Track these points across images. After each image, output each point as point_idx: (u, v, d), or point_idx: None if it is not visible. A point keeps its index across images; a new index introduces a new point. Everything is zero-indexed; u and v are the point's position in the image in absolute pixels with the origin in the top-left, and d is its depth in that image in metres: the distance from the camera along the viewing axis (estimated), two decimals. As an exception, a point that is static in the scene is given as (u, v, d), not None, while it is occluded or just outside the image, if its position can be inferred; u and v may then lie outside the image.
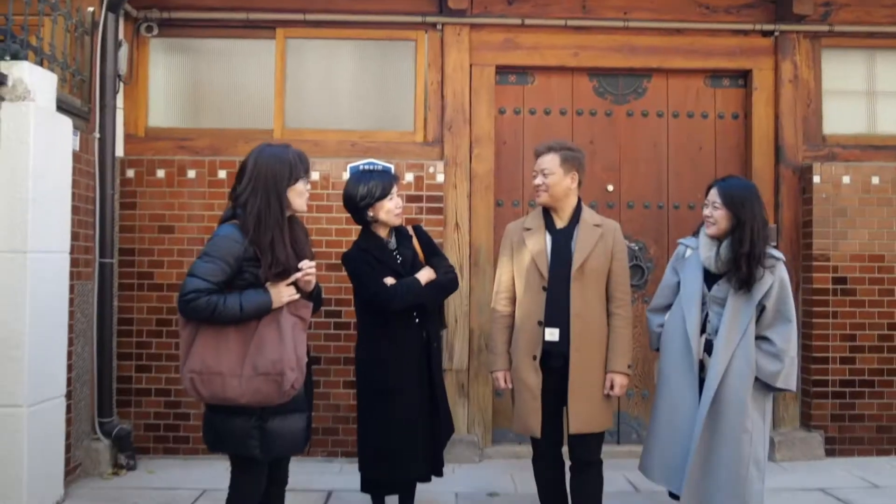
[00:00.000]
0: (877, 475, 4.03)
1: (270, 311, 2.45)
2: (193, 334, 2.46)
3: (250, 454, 2.48)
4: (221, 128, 4.47)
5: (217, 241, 2.48)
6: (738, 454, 2.80)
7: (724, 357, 2.82)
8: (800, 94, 4.52)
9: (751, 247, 2.81)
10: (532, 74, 4.57)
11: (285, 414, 2.50)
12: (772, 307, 2.86)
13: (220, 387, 2.39)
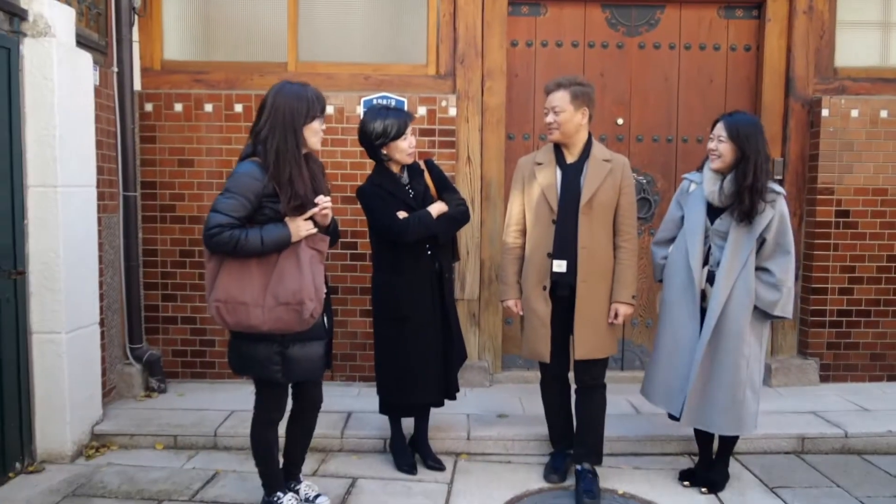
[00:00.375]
0: (867, 400, 4.24)
1: (290, 245, 2.59)
2: (218, 267, 2.62)
3: (272, 378, 2.68)
4: (236, 61, 4.50)
5: (238, 178, 2.61)
6: (737, 378, 2.98)
7: (725, 287, 2.96)
8: (813, 26, 4.49)
9: (754, 180, 2.90)
10: (544, 5, 4.54)
11: (304, 341, 2.69)
12: (772, 239, 2.97)
13: (244, 315, 2.57)
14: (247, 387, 4.39)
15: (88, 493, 3.10)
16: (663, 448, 3.66)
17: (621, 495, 3.18)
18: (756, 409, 3.07)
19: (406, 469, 3.36)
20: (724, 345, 2.99)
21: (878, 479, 3.37)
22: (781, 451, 3.66)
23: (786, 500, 3.11)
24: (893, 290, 4.54)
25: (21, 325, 3.28)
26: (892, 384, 4.56)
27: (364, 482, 3.26)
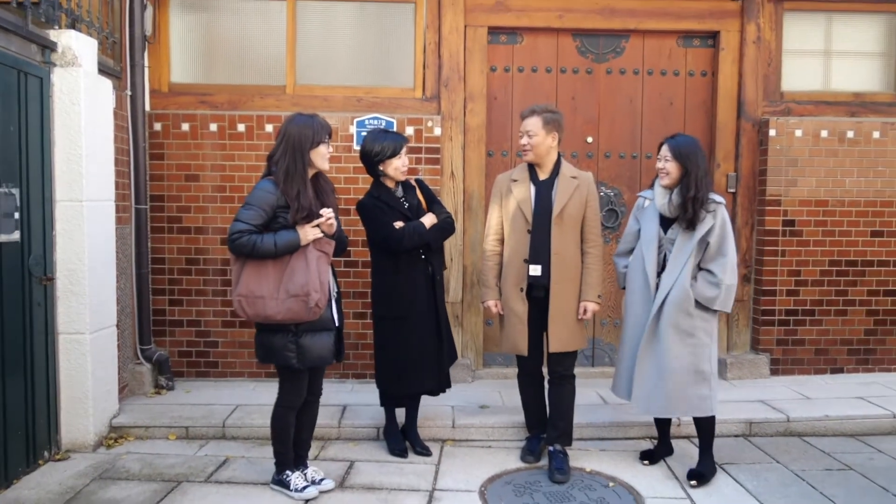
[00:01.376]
0: (810, 390, 4.72)
1: (299, 248, 3.01)
2: (241, 268, 3.04)
3: (289, 364, 3.09)
4: (238, 84, 4.88)
5: (256, 193, 3.04)
6: (680, 365, 3.33)
7: (666, 286, 3.36)
8: (762, 55, 4.99)
9: (696, 191, 3.31)
10: (521, 35, 5.00)
11: (315, 332, 3.11)
12: (714, 244, 3.34)
13: (261, 307, 2.99)
14: (248, 384, 4.81)
15: (114, 477, 3.45)
16: (626, 433, 4.10)
17: (588, 472, 3.61)
18: (709, 393, 3.39)
19: (398, 453, 3.76)
20: (667, 336, 3.34)
21: (813, 456, 3.83)
22: (731, 435, 4.11)
23: (731, 473, 3.56)
24: (835, 291, 5.04)
25: (49, 326, 3.64)
26: (834, 376, 5.05)
27: (361, 464, 3.65)
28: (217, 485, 3.39)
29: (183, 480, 3.43)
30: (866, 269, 5.03)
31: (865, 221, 5.01)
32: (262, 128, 4.77)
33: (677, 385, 3.36)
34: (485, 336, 5.06)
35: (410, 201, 3.65)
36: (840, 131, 4.97)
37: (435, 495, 3.30)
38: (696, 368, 3.37)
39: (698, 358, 3.38)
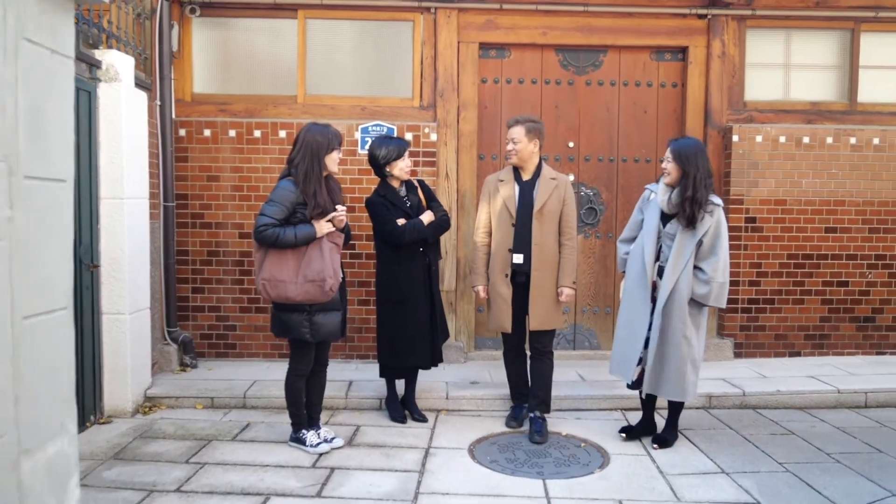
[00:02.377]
0: (768, 370, 5.26)
1: (315, 239, 3.55)
2: (264, 255, 3.57)
3: (303, 338, 3.62)
4: (254, 94, 5.42)
5: (278, 191, 3.57)
6: (680, 355, 3.71)
7: (670, 281, 3.68)
8: (726, 68, 5.53)
9: (693, 192, 3.57)
10: (509, 50, 5.54)
11: (326, 311, 3.64)
12: (707, 243, 3.65)
13: (282, 290, 3.52)
14: (263, 363, 5.34)
15: (152, 436, 3.99)
16: (599, 405, 4.63)
17: (564, 436, 4.14)
18: (695, 380, 3.81)
19: (398, 419, 4.29)
20: (671, 327, 3.71)
21: (762, 424, 4.37)
22: (693, 407, 4.63)
23: (688, 437, 4.09)
24: (793, 282, 5.58)
25: (95, 307, 4.17)
26: (792, 359, 5.59)
27: (366, 428, 4.19)
28: (242, 443, 3.93)
29: (212, 439, 3.96)
30: (821, 262, 5.57)
31: (820, 219, 5.55)
32: (276, 133, 5.30)
33: (679, 373, 3.72)
34: (476, 322, 5.60)
35: (412, 199, 4.18)
36: (797, 137, 5.51)
37: (430, 451, 3.83)
38: (692, 358, 3.75)
39: (693, 351, 3.74)
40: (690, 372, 3.78)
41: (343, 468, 3.56)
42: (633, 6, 5.45)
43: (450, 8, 5.35)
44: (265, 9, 5.35)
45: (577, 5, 5.41)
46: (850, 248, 5.58)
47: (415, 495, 3.25)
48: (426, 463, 3.66)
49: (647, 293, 3.79)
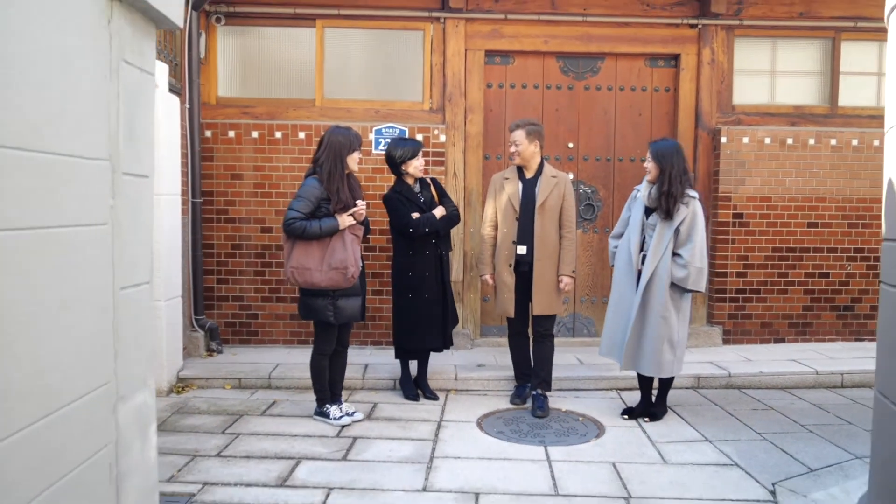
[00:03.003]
0: (753, 355, 5.65)
1: (338, 231, 3.93)
2: (292, 246, 3.95)
3: (327, 320, 4.01)
4: (275, 97, 5.81)
5: (305, 188, 3.95)
6: (657, 333, 4.08)
7: (650, 265, 4.07)
8: (716, 74, 5.92)
9: (669, 187, 4.00)
10: (513, 57, 5.93)
11: (348, 296, 4.02)
12: (684, 231, 4.04)
13: (309, 276, 3.90)
14: (283, 349, 5.73)
15: (188, 412, 4.38)
16: (597, 385, 5.02)
17: (564, 411, 4.53)
18: (672, 360, 4.15)
19: (412, 397, 4.68)
20: (650, 309, 4.10)
21: (745, 401, 4.76)
22: (683, 387, 5.02)
23: (677, 412, 4.48)
24: (777, 273, 5.97)
25: (134, 294, 4.55)
26: (777, 345, 5.98)
27: (382, 405, 4.58)
28: (271, 417, 4.32)
29: (243, 414, 4.35)
30: (803, 254, 5.96)
31: (802, 215, 5.94)
32: (296, 135, 5.69)
33: (656, 351, 4.09)
34: (482, 310, 5.99)
35: (425, 196, 4.56)
36: (781, 138, 5.90)
37: (442, 424, 4.22)
38: (669, 339, 4.11)
39: (670, 330, 4.11)
40: (667, 350, 4.11)
41: (364, 437, 3.95)
42: (628, 16, 5.84)
43: (458, 18, 5.74)
44: (285, 18, 5.74)
45: (577, 15, 5.80)
46: (831, 242, 5.97)
47: (430, 458, 3.64)
48: (439, 433, 4.05)
49: (633, 280, 4.17)
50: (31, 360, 1.67)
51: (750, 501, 3.16)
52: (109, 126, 2.03)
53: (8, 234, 1.56)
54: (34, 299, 1.68)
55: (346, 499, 3.13)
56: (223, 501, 3.10)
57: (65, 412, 1.81)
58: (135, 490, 2.21)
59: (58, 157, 1.75)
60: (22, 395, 1.63)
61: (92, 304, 1.96)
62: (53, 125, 1.73)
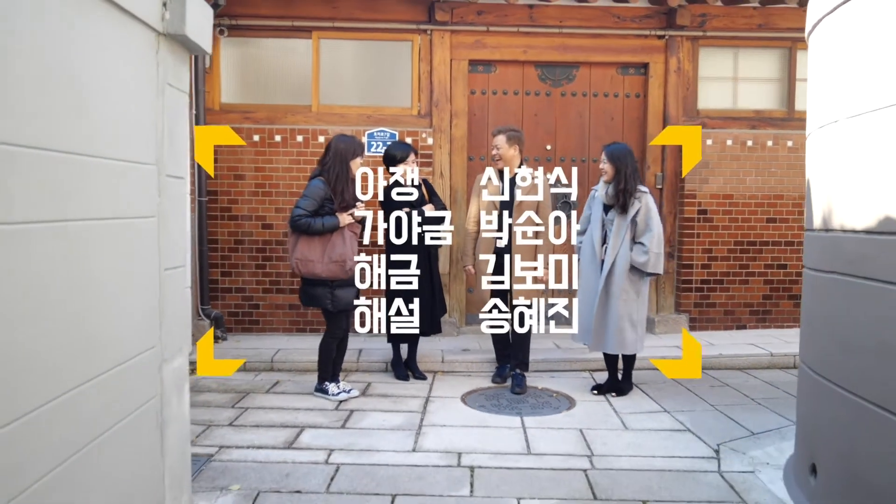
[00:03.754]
0: (716, 340, 6.16)
1: (338, 228, 4.38)
2: (296, 240, 4.41)
3: (326, 307, 4.46)
4: (274, 103, 6.26)
5: (311, 188, 4.41)
6: (619, 314, 4.57)
7: (610, 256, 4.58)
8: (681, 81, 6.43)
9: (624, 185, 4.53)
10: (494, 66, 6.41)
11: (344, 286, 4.48)
12: (641, 222, 4.55)
13: (311, 267, 4.36)
14: (283, 337, 6.17)
15: (199, 390, 4.83)
16: (571, 366, 5.51)
17: (540, 389, 5.01)
18: (634, 338, 4.62)
19: (402, 377, 5.14)
20: (612, 292, 4.60)
21: (705, 380, 5.25)
22: (650, 368, 5.49)
23: (642, 388, 4.97)
24: (739, 265, 6.48)
25: (149, 284, 5.00)
26: (738, 332, 6.50)
27: (375, 384, 5.04)
28: (274, 394, 4.78)
29: (249, 392, 4.81)
30: (763, 247, 6.48)
31: (762, 211, 6.45)
32: (294, 138, 6.15)
33: (619, 330, 4.57)
34: (467, 301, 6.47)
35: (417, 193, 5.02)
36: (742, 140, 6.41)
37: (430, 399, 4.69)
38: (630, 318, 4.59)
39: (630, 310, 4.59)
40: (629, 329, 4.58)
41: (360, 410, 4.42)
42: (601, 28, 6.33)
43: (443, 30, 6.21)
44: (284, 30, 6.19)
45: (554, 27, 6.28)
46: (788, 236, 6.49)
47: (419, 426, 4.11)
48: (427, 407, 4.52)
49: (597, 269, 4.65)
50: (107, 320, 2.13)
51: (696, 458, 3.66)
52: (157, 137, 2.49)
53: (93, 223, 2.02)
54: (111, 274, 2.15)
55: (345, 457, 3.60)
56: (238, 459, 3.56)
57: (128, 365, 2.27)
58: (173, 436, 2.67)
59: (123, 163, 2.22)
60: (103, 345, 2.10)
61: (145, 280, 2.42)
62: (120, 137, 2.20)
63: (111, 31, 2.13)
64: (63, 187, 1.87)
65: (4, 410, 1.61)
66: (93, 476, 2.05)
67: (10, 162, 1.62)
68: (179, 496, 2.75)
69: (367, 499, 3.10)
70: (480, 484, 3.28)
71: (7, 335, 1.62)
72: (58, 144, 1.83)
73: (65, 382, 1.88)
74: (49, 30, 1.80)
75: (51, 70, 1.80)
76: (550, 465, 3.52)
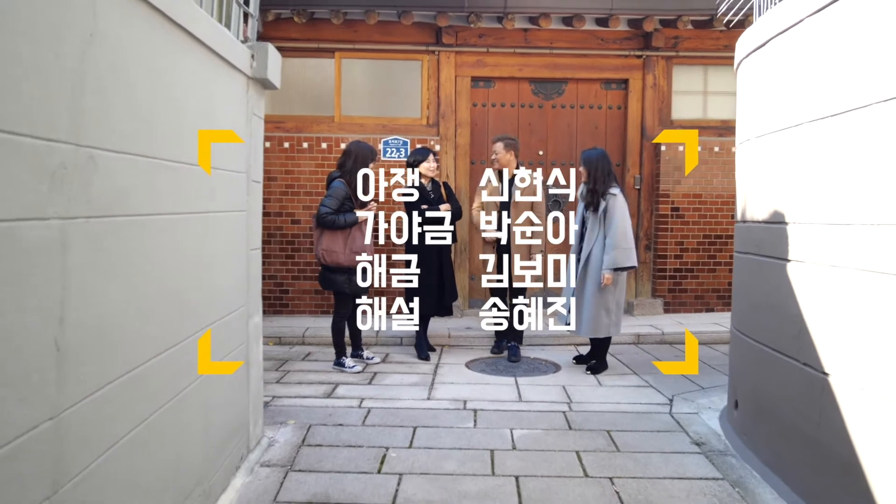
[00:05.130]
0: (686, 320, 7.09)
1: (357, 223, 5.29)
2: (321, 234, 5.30)
3: (344, 290, 5.35)
4: (302, 114, 7.19)
5: (334, 189, 5.31)
6: (594, 302, 5.34)
7: (586, 249, 5.41)
8: (657, 95, 7.35)
9: (594, 185, 5.28)
10: (494, 82, 7.33)
11: (361, 273, 5.39)
12: (608, 219, 5.41)
13: (335, 257, 5.25)
14: (310, 318, 7.09)
15: (246, 358, 5.75)
16: (559, 342, 6.44)
17: (532, 358, 5.94)
18: (609, 322, 5.35)
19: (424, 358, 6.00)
20: (588, 282, 5.40)
21: (672, 352, 6.19)
22: (627, 343, 6.44)
23: (618, 359, 5.90)
24: (707, 255, 7.41)
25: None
26: (707, 314, 7.42)
27: (393, 354, 5.97)
28: (309, 361, 5.70)
29: (288, 360, 5.74)
30: (728, 240, 7.40)
31: (727, 208, 7.37)
32: (319, 145, 7.07)
33: (592, 316, 5.33)
34: (470, 287, 7.39)
35: (435, 193, 5.87)
36: (710, 147, 7.34)
37: (439, 364, 5.62)
38: (605, 306, 5.35)
39: (606, 299, 5.34)
40: (603, 315, 5.32)
41: (382, 373, 5.35)
42: (587, 49, 7.26)
43: (449, 51, 7.13)
44: (310, 51, 7.12)
45: (545, 48, 7.21)
46: (750, 231, 7.41)
47: (431, 383, 5.04)
48: (437, 371, 5.45)
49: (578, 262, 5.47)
50: (219, 282, 3.06)
51: (653, 404, 4.58)
52: (246, 152, 3.42)
53: (212, 214, 2.95)
54: (222, 249, 3.08)
55: (374, 403, 4.52)
56: (289, 405, 4.49)
57: (231, 316, 3.20)
58: (255, 375, 3.61)
59: (232, 173, 3.15)
60: (214, 300, 3.03)
61: (239, 256, 3.36)
62: (227, 153, 3.13)
63: (219, 77, 3.05)
64: (202, 188, 2.80)
65: (175, 335, 2.54)
66: (214, 391, 2.99)
67: (161, 172, 2.55)
68: (257, 420, 3.69)
69: (395, 429, 4.02)
70: (482, 420, 4.21)
71: (174, 283, 2.55)
72: (183, 156, 2.75)
73: (184, 329, 2.73)
74: (199, 87, 2.73)
75: (188, 107, 2.73)
76: (537, 409, 4.46)
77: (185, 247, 2.65)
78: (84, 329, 1.81)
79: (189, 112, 2.65)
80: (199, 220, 2.79)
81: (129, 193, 2.09)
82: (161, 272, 2.38)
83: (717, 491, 3.20)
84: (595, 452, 3.65)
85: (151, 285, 2.29)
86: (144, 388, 2.22)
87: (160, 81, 2.34)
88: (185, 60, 2.59)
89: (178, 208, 2.55)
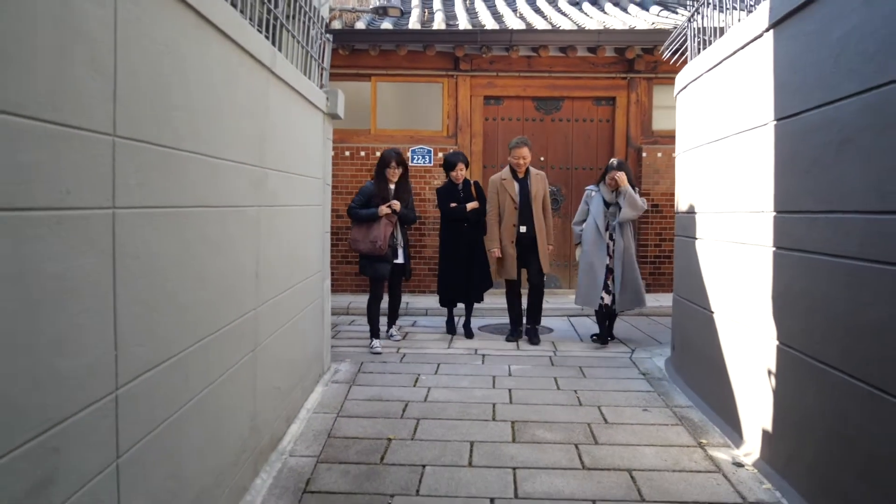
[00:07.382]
0: (662, 299, 8.47)
1: (377, 218, 6.73)
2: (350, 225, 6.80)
3: (367, 274, 6.79)
4: (344, 128, 8.69)
5: (363, 189, 6.74)
6: (635, 276, 6.68)
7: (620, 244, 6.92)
8: (640, 110, 8.76)
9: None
10: (502, 100, 8.80)
11: (381, 261, 6.74)
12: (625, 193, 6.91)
13: (357, 245, 6.58)
14: (350, 296, 8.60)
15: (304, 324, 7.28)
16: (556, 314, 7.87)
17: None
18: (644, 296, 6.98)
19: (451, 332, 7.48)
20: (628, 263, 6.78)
21: (649, 322, 7.61)
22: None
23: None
24: (682, 245, 8.79)
25: (268, 254, 7.49)
26: (682, 294, 8.80)
27: (420, 323, 7.46)
28: (354, 326, 7.21)
29: (337, 325, 7.25)
30: (700, 232, 8.79)
31: (699, 205, 8.76)
32: (358, 154, 8.58)
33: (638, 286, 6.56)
34: (483, 271, 8.85)
35: (465, 192, 7.23)
36: (685, 154, 8.72)
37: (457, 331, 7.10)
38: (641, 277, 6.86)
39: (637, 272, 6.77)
40: (642, 286, 6.77)
41: (412, 334, 6.84)
42: (581, 72, 8.69)
43: (465, 75, 8.61)
44: (351, 76, 8.63)
45: (545, 72, 8.66)
46: (719, 224, 8.80)
47: (450, 340, 6.53)
48: (455, 332, 6.93)
49: (603, 250, 6.76)
50: (303, 255, 4.57)
51: (619, 352, 6.03)
52: (322, 164, 4.93)
53: (297, 207, 4.45)
54: (305, 232, 4.60)
55: (408, 351, 6.02)
56: (344, 352, 5.99)
57: (313, 278, 4.71)
58: (326, 322, 5.13)
59: (314, 179, 4.66)
60: (299, 265, 4.54)
61: (318, 236, 4.87)
62: (312, 165, 4.64)
63: (309, 116, 4.55)
64: (297, 189, 4.30)
65: (294, 279, 4.05)
66: (301, 331, 4.50)
67: (288, 180, 4.06)
68: (328, 353, 5.20)
69: (424, 365, 5.51)
70: (488, 360, 5.69)
71: (293, 249, 4.06)
72: (294, 170, 4.25)
73: (295, 278, 4.26)
74: (301, 124, 4.24)
75: (297, 139, 4.24)
76: (530, 354, 5.93)
77: (297, 226, 4.16)
78: (266, 265, 3.32)
79: (297, 140, 4.16)
80: (301, 210, 4.30)
81: (278, 192, 3.60)
82: (290, 240, 3.90)
83: (647, 397, 4.65)
84: (567, 378, 5.11)
85: (286, 247, 3.81)
86: (284, 304, 3.74)
87: (289, 124, 3.85)
88: (296, 108, 4.10)
89: (294, 202, 4.07)
